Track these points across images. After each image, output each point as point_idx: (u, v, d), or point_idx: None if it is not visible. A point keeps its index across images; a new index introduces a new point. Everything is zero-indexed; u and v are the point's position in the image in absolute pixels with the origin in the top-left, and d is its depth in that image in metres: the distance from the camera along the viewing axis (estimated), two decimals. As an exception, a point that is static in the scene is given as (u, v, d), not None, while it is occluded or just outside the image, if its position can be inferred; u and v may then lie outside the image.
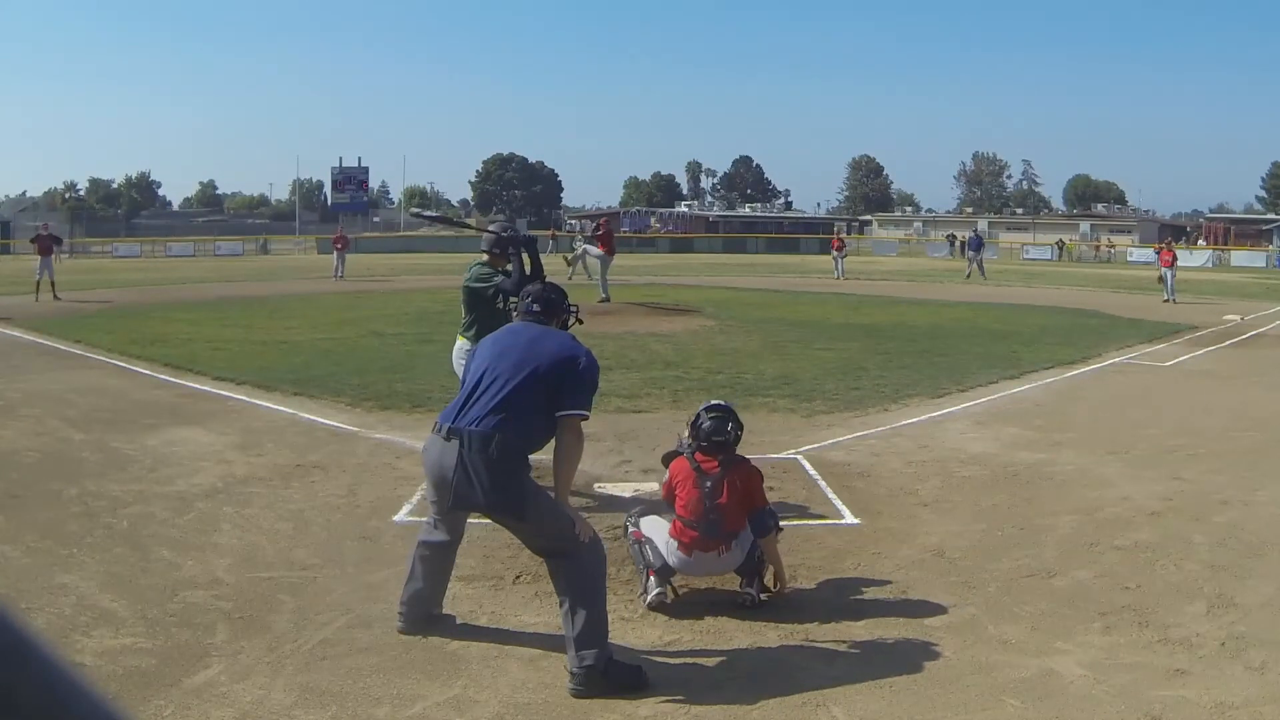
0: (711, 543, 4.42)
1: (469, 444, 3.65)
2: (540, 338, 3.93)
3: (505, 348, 3.91)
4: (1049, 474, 6.83)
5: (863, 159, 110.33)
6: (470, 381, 3.89)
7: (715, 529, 4.42)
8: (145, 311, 17.98)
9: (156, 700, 3.45)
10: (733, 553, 4.45)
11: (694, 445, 4.63)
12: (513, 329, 4.13)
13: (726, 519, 4.42)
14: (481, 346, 4.09)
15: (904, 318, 17.78)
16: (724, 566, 4.50)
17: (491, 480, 3.65)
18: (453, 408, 3.86)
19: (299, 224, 70.85)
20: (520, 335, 3.99)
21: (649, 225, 71.41)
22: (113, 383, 10.24)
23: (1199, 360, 12.87)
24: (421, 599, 4.09)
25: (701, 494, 4.45)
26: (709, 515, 4.42)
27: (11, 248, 51.57)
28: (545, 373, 3.77)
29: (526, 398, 3.73)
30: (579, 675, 3.58)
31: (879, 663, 3.88)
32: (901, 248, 56.51)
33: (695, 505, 4.45)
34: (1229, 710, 3.48)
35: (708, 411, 4.68)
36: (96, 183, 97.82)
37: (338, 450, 7.26)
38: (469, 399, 3.80)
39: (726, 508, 4.43)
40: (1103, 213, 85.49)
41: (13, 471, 6.55)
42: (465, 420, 3.73)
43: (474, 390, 3.82)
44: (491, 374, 3.80)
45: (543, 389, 3.75)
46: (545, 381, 3.76)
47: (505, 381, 3.75)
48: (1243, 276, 35.75)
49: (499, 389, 3.74)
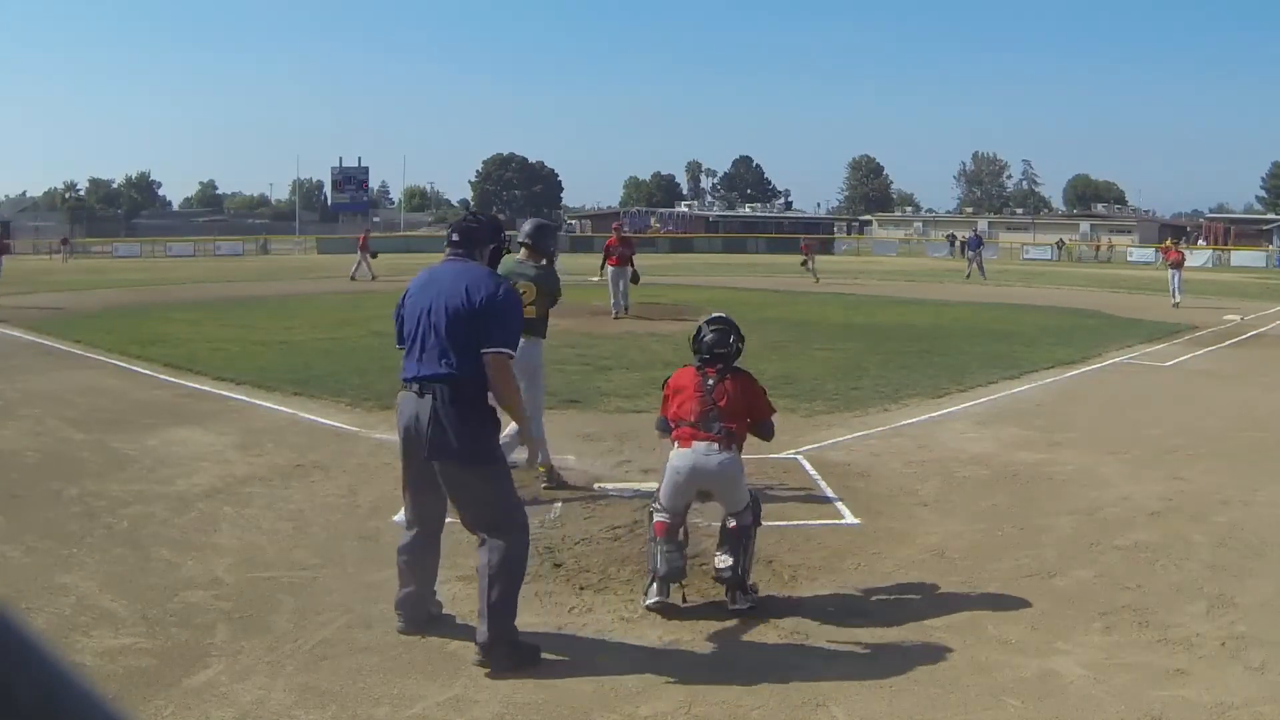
0: (707, 435, 4.38)
1: (440, 395, 3.75)
2: (458, 275, 3.92)
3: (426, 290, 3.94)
4: (1049, 474, 6.83)
5: (863, 159, 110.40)
6: (410, 330, 3.93)
7: (711, 421, 4.40)
8: (145, 311, 17.98)
9: (156, 700, 3.45)
10: (732, 454, 4.40)
11: (697, 358, 4.64)
12: (433, 269, 4.11)
13: (724, 416, 4.42)
14: (409, 291, 4.08)
15: (904, 318, 17.78)
16: (721, 467, 4.37)
17: (464, 428, 3.75)
18: (406, 358, 3.93)
19: (299, 224, 70.81)
20: (441, 276, 3.98)
21: (649, 225, 71.39)
22: (113, 383, 10.24)
23: (1199, 360, 12.87)
24: (414, 600, 4.11)
25: (702, 394, 4.46)
26: (707, 412, 4.42)
27: (12, 248, 51.50)
28: (466, 312, 3.80)
29: (464, 339, 3.80)
30: (485, 648, 3.74)
31: (879, 663, 3.88)
32: (901, 248, 56.53)
33: (695, 406, 4.44)
34: (1229, 710, 3.48)
35: (709, 324, 4.68)
36: (96, 183, 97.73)
37: (338, 450, 7.25)
38: (415, 348, 3.88)
39: (725, 409, 4.43)
40: (1103, 213, 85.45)
41: (13, 471, 6.54)
42: (426, 370, 3.82)
43: (415, 338, 3.88)
44: (426, 320, 3.85)
45: (470, 329, 3.80)
46: (468, 321, 3.80)
47: (441, 326, 3.81)
48: (1243, 276, 35.77)
49: (439, 335, 3.81)
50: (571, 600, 4.47)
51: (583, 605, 4.41)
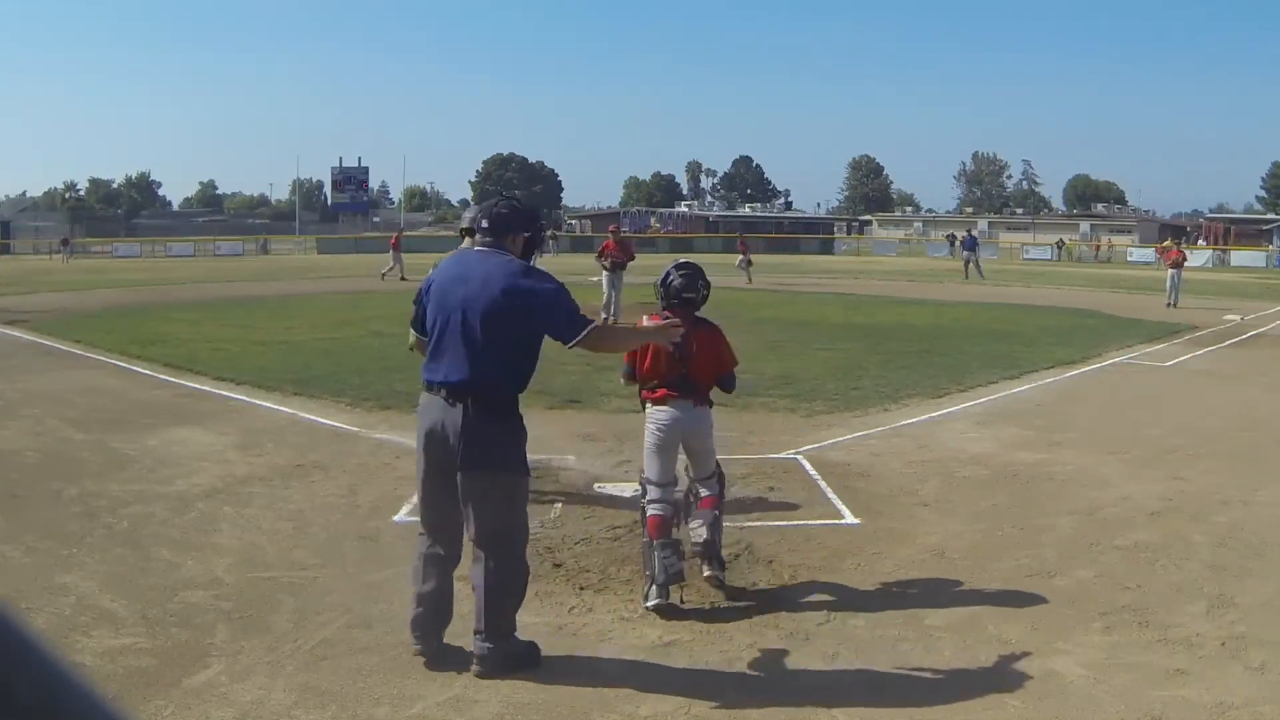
0: (683, 397, 4.55)
1: (472, 405, 3.57)
2: (491, 272, 3.63)
3: (457, 284, 3.67)
4: (1049, 474, 6.83)
5: (863, 159, 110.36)
6: (436, 324, 3.67)
7: (685, 383, 4.55)
8: (145, 311, 17.98)
9: (156, 700, 3.44)
10: (705, 408, 4.63)
11: (664, 302, 4.70)
12: (463, 256, 3.82)
13: (696, 373, 4.55)
14: (437, 278, 3.78)
15: (904, 318, 17.78)
16: (696, 420, 4.59)
17: (498, 438, 3.62)
18: (431, 357, 3.69)
19: (299, 224, 70.82)
20: (472, 270, 3.69)
21: (649, 225, 71.38)
22: (113, 383, 10.24)
23: (1199, 360, 12.87)
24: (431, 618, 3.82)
25: (671, 351, 4.47)
26: (679, 367, 4.53)
27: (12, 248, 51.58)
28: (502, 313, 3.57)
29: (498, 342, 3.59)
30: (484, 658, 3.69)
31: (879, 663, 3.87)
32: (901, 248, 56.54)
33: (665, 361, 4.52)
34: (1229, 710, 3.48)
35: (678, 269, 4.73)
36: (96, 183, 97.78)
37: (338, 450, 7.25)
38: (443, 347, 3.64)
39: (696, 362, 4.53)
40: (1103, 213, 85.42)
41: (13, 471, 6.54)
42: (456, 376, 3.59)
43: (443, 336, 3.64)
44: (458, 318, 3.60)
45: (507, 330, 3.59)
46: (505, 322, 3.58)
47: (475, 328, 3.57)
48: (1243, 276, 35.78)
49: (471, 337, 3.57)
50: (571, 600, 4.46)
51: (583, 605, 4.41)
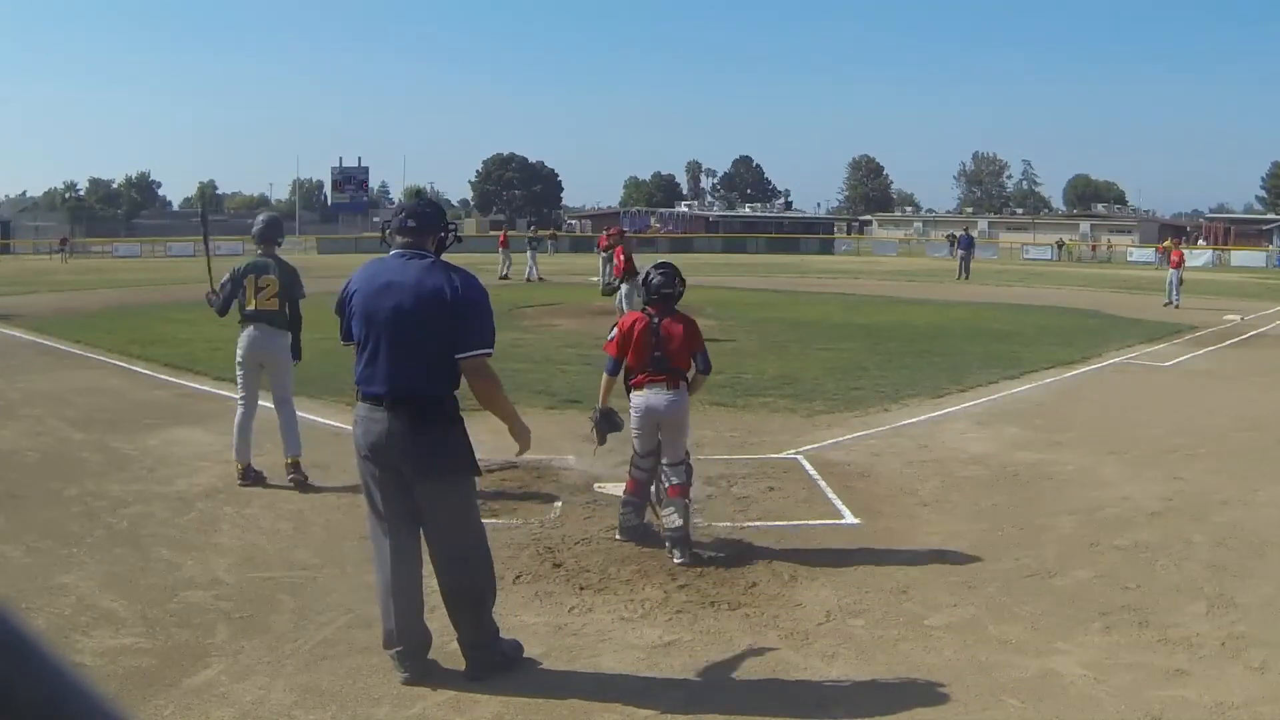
0: (660, 376, 5.00)
1: (415, 413, 3.50)
2: (419, 275, 3.55)
3: (383, 292, 3.58)
4: (1049, 474, 6.83)
5: (863, 159, 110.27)
6: (364, 333, 3.60)
7: (663, 364, 5.02)
8: (145, 311, 17.98)
9: (156, 700, 3.45)
10: (679, 393, 5.05)
11: (644, 299, 5.23)
12: (383, 263, 3.71)
13: (672, 358, 5.04)
14: (359, 287, 3.68)
15: (904, 318, 17.79)
16: (669, 406, 5.01)
17: (447, 442, 3.56)
18: (366, 367, 3.60)
19: (299, 224, 70.76)
20: (398, 276, 3.59)
21: (649, 225, 71.39)
22: (113, 383, 10.24)
23: (1199, 360, 12.88)
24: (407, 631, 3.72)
25: (649, 340, 5.01)
26: (655, 352, 5.02)
27: (12, 247, 51.55)
28: (436, 317, 3.50)
29: (435, 348, 3.52)
30: (474, 665, 3.72)
31: (879, 663, 3.88)
32: (901, 248, 56.52)
33: (644, 349, 5.02)
34: (1229, 710, 3.48)
35: (656, 269, 5.24)
36: (96, 183, 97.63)
37: (338, 450, 7.24)
38: (377, 357, 3.56)
39: (671, 350, 5.04)
40: (1103, 213, 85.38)
41: (13, 471, 6.55)
42: (394, 385, 3.52)
43: (375, 345, 3.57)
44: (389, 326, 3.54)
45: (441, 334, 3.51)
46: (438, 326, 3.50)
47: (409, 335, 3.51)
48: (1243, 276, 35.78)
49: (407, 344, 3.52)
50: (571, 600, 4.47)
51: (583, 605, 4.41)
